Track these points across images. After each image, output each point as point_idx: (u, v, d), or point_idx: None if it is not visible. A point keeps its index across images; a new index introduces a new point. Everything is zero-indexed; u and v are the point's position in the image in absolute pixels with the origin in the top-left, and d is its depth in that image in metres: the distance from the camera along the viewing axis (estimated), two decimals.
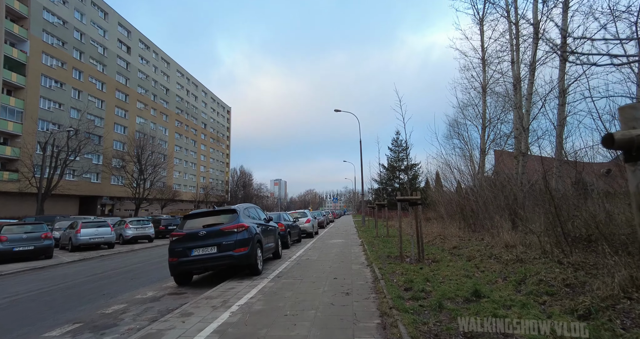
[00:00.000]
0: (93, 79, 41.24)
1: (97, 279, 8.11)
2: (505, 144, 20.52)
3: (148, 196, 42.26)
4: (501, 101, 21.55)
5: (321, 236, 16.79)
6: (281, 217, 11.90)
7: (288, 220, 12.83)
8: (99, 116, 42.32)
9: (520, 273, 5.37)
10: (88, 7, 40.11)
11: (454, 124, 27.84)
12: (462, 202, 15.99)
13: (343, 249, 11.23)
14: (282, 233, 11.01)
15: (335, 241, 14.15)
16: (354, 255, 9.59)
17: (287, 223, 12.06)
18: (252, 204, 8.48)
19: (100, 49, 42.59)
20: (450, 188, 28.87)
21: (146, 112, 52.73)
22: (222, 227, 6.43)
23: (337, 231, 20.61)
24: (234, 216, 6.73)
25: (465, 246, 9.43)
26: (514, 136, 14.93)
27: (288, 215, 13.22)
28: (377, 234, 15.09)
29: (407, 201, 8.06)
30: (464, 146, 26.67)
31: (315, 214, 25.14)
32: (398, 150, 42.09)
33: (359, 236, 16.23)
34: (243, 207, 7.34)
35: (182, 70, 64.83)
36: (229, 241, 6.25)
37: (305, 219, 15.63)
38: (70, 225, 14.55)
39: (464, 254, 8.09)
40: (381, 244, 11.98)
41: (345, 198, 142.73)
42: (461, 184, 23.58)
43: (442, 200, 18.96)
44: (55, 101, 35.35)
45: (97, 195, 42.37)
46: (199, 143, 70.28)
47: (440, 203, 17.81)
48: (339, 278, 6.35)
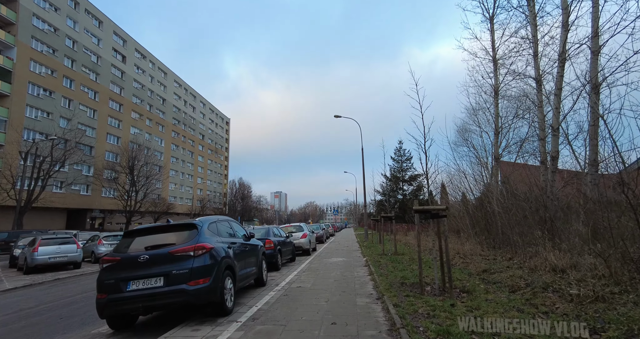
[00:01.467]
0: (85, 87, 39.95)
1: (16, 319, 6.14)
2: (519, 150, 18.77)
3: (140, 209, 40.35)
4: (513, 105, 19.95)
5: (319, 253, 14.84)
6: (270, 233, 10.00)
7: (280, 235, 10.94)
8: (90, 126, 40.84)
9: (618, 322, 3.49)
10: (81, 15, 39.19)
11: (462, 131, 26.17)
12: (479, 214, 14.14)
13: (344, 271, 9.30)
14: (269, 252, 9.13)
15: (335, 259, 12.21)
16: (358, 281, 7.67)
17: (278, 240, 10.17)
18: (225, 217, 6.60)
19: (94, 57, 41.49)
20: (456, 199, 26.98)
21: (141, 122, 51.35)
22: (172, 249, 4.51)
23: (338, 247, 18.63)
24: (192, 233, 4.82)
25: (497, 268, 7.51)
26: (539, 138, 13.18)
27: (279, 229, 11.32)
28: (384, 251, 13.16)
29: (428, 211, 6.23)
30: (474, 154, 24.88)
31: (313, 227, 23.18)
32: (401, 160, 40.36)
33: (363, 253, 14.28)
34: (208, 221, 5.45)
35: (179, 81, 63.88)
36: (182, 269, 4.36)
37: (301, 234, 13.72)
38: (31, 242, 12.65)
39: (502, 282, 6.19)
40: (390, 264, 10.05)
41: (346, 211, 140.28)
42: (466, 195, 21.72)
43: (457, 212, 17.04)
44: (44, 109, 33.89)
45: (86, 208, 40.43)
46: (197, 154, 68.72)
47: (459, 215, 15.91)
48: (340, 322, 4.46)
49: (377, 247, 16.63)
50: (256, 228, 10.21)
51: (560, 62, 10.92)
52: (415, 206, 6.33)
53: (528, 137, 18.89)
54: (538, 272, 6.50)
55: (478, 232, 13.87)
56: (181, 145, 62.88)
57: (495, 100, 20.33)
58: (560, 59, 10.93)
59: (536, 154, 16.48)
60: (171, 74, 61.12)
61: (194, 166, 67.61)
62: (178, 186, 61.31)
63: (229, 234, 6.05)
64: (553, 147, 11.04)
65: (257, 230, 10.09)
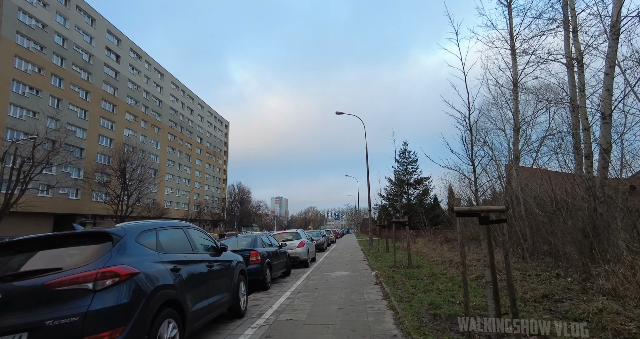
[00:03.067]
0: (76, 87, 38.26)
1: None
2: (540, 148, 16.79)
3: (131, 214, 38.38)
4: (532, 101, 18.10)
5: (319, 265, 12.81)
6: (257, 242, 7.97)
7: (271, 245, 8.94)
8: (81, 127, 39.07)
9: None
10: (72, 11, 37.65)
11: (474, 129, 24.21)
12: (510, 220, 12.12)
13: (351, 292, 7.29)
14: (254, 268, 7.15)
15: (338, 273, 10.19)
16: (371, 309, 5.65)
17: (267, 251, 8.16)
18: (180, 222, 4.57)
19: (85, 56, 39.87)
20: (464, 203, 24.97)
21: (136, 124, 49.61)
22: (53, 279, 2.56)
23: (341, 256, 16.58)
24: (101, 248, 2.88)
25: (563, 294, 5.47)
26: (573, 129, 11.21)
27: (270, 237, 9.27)
28: (395, 263, 11.13)
29: (476, 214, 4.24)
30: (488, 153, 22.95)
31: (313, 234, 21.15)
32: (406, 162, 38.38)
33: (370, 264, 12.25)
34: (139, 228, 3.44)
35: (176, 83, 62.31)
36: (66, 316, 2.41)
37: (298, 242, 11.69)
38: None
39: (590, 320, 4.16)
40: (407, 281, 8.04)
41: (347, 216, 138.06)
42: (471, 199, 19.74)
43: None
44: (29, 109, 32.14)
45: (75, 213, 38.48)
46: (194, 158, 66.88)
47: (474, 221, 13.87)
48: None
49: (386, 256, 14.59)
50: (240, 237, 8.24)
51: (612, 35, 8.99)
52: (458, 207, 4.36)
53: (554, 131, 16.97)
54: (630, 301, 4.51)
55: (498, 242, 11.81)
56: (178, 148, 61.08)
57: (514, 92, 18.43)
58: (612, 31, 9.00)
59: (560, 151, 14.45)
60: (168, 75, 59.57)
61: (191, 170, 65.73)
62: (174, 190, 59.37)
63: (184, 248, 4.07)
64: (604, 137, 9.04)
65: (242, 239, 8.11)
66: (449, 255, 12.93)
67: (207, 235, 4.98)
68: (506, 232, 4.03)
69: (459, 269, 9.74)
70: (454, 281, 7.92)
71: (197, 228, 4.81)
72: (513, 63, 17.66)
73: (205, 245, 4.69)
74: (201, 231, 4.89)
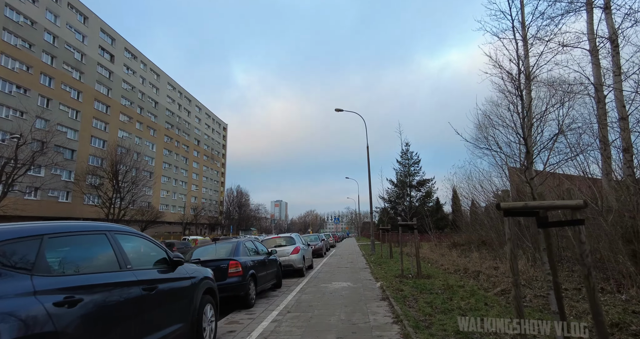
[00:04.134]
0: (67, 86, 37.06)
1: None
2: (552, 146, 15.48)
3: (124, 217, 36.97)
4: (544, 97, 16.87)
5: (316, 273, 11.45)
6: (239, 250, 6.57)
7: (258, 252, 7.58)
8: (72, 128, 37.83)
9: None
10: (64, 9, 36.54)
11: (482, 128, 22.98)
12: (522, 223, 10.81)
13: (353, 311, 5.94)
14: (234, 282, 5.84)
15: (337, 285, 8.83)
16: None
17: (252, 260, 6.79)
18: (87, 225, 3.06)
19: (77, 54, 38.71)
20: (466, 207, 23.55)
21: (130, 125, 48.38)
22: None
23: (340, 263, 15.22)
24: None
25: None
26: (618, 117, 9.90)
27: (257, 243, 7.83)
28: (402, 272, 9.77)
29: (531, 213, 2.90)
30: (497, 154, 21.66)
31: (311, 238, 19.79)
32: (408, 163, 37.03)
33: (373, 273, 10.89)
34: None
35: (173, 84, 61.18)
36: None
37: (292, 249, 10.32)
38: None
39: None
40: (420, 296, 6.69)
41: (347, 219, 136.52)
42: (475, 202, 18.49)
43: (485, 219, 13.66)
44: (16, 108, 30.88)
45: (65, 216, 37.05)
46: (191, 161, 65.58)
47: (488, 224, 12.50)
48: None
49: (390, 263, 13.23)
50: (220, 244, 6.89)
51: None
52: (507, 203, 3.04)
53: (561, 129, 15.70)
54: None
55: (524, 248, 10.50)
56: (174, 150, 59.81)
57: (527, 86, 17.20)
58: None
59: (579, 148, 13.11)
60: (164, 76, 58.45)
61: (188, 173, 64.40)
62: (170, 194, 57.99)
63: (103, 264, 2.74)
64: None
65: (221, 246, 6.75)
66: (461, 262, 11.56)
67: (154, 243, 3.63)
68: (585, 240, 2.68)
69: (478, 281, 8.38)
70: (476, 296, 6.58)
71: (136, 234, 3.47)
72: (525, 54, 16.41)
73: (147, 258, 3.36)
74: (144, 237, 3.55)
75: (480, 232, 14.82)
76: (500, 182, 18.27)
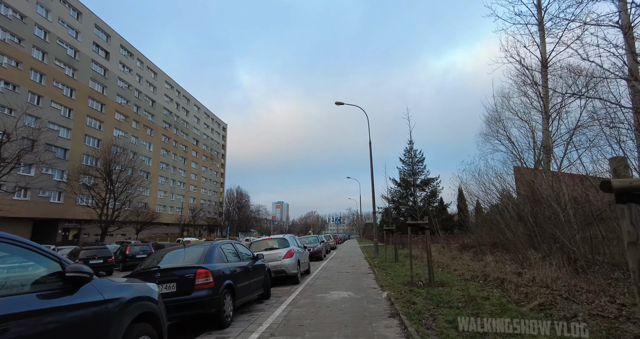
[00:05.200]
0: (59, 83, 35.91)
1: None
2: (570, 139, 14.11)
3: (117, 218, 35.71)
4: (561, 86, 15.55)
5: (313, 280, 10.13)
6: (212, 255, 5.16)
7: (241, 257, 6.25)
8: (65, 126, 36.68)
9: None
10: (55, 3, 35.43)
11: (493, 121, 21.62)
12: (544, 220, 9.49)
13: (355, 336, 4.60)
14: (202, 297, 4.54)
15: (336, 295, 7.52)
16: None
17: (231, 268, 5.45)
18: None
19: (70, 51, 37.60)
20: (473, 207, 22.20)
21: (126, 124, 47.22)
22: None
23: (341, 267, 13.89)
24: None
25: None
26: None
27: (238, 246, 6.35)
28: (412, 279, 8.43)
29: None
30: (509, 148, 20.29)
31: (310, 240, 18.46)
32: (412, 162, 35.65)
33: (378, 279, 9.56)
34: None
35: (171, 82, 60.06)
36: None
37: (285, 252, 8.97)
38: None
39: None
40: (439, 312, 5.36)
41: (349, 221, 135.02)
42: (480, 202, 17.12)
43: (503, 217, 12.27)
44: (4, 105, 29.70)
45: (57, 218, 35.90)
46: (189, 161, 64.38)
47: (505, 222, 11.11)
48: None
49: (396, 268, 11.89)
50: (191, 247, 5.55)
51: None
52: (620, 180, 1.70)
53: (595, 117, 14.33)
54: None
55: (554, 251, 9.17)
56: (172, 150, 58.63)
57: (543, 74, 15.84)
58: None
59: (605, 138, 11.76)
60: (162, 74, 57.34)
61: (187, 173, 63.20)
62: (168, 194, 56.77)
63: None
64: None
65: (191, 250, 5.42)
66: (477, 267, 10.22)
67: (35, 250, 2.28)
68: None
69: (505, 291, 6.98)
70: (508, 312, 5.23)
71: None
72: (541, 40, 15.12)
73: (17, 276, 2.06)
74: (10, 241, 2.20)
75: (496, 233, 13.46)
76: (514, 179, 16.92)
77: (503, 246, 13.96)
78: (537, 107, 16.42)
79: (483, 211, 18.39)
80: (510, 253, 11.44)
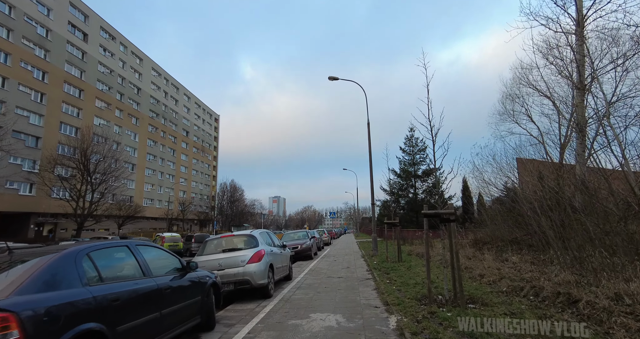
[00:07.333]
0: (28, 65, 32.80)
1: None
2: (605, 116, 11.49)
3: (95, 212, 32.92)
4: (602, 48, 12.97)
5: (293, 290, 7.50)
6: (41, 281, 2.60)
7: (152, 269, 3.61)
8: (36, 112, 33.66)
9: None
10: None
11: (509, 98, 18.87)
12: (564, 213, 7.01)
13: None
14: None
15: (317, 324, 4.91)
16: None
17: (105, 297, 2.83)
18: None
19: (41, 29, 34.40)
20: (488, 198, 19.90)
21: (109, 113, 44.15)
22: None
23: (333, 270, 11.28)
24: None
25: None
26: None
27: (149, 249, 3.55)
28: (430, 291, 5.79)
29: None
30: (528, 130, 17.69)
31: (299, 235, 15.87)
32: (413, 151, 33.03)
33: (380, 291, 6.95)
34: None
35: (158, 69, 56.81)
36: None
37: (250, 254, 6.19)
38: None
39: None
40: None
41: (345, 215, 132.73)
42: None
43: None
44: None
45: (28, 211, 33.07)
46: (179, 152, 61.40)
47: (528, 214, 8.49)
48: None
49: (401, 271, 9.30)
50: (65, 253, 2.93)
51: None
52: None
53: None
54: None
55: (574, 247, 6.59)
56: (160, 141, 55.62)
57: (579, 36, 13.15)
58: None
59: None
60: (148, 60, 54.09)
61: (176, 165, 60.27)
62: (155, 187, 53.91)
63: None
64: None
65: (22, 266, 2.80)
66: (510, 273, 7.64)
67: None
68: None
69: (585, 317, 4.31)
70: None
71: None
72: None
73: None
74: None
75: (524, 227, 10.88)
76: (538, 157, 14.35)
77: (524, 242, 11.48)
78: (567, 76, 13.78)
79: (498, 201, 15.90)
80: (543, 252, 8.89)
